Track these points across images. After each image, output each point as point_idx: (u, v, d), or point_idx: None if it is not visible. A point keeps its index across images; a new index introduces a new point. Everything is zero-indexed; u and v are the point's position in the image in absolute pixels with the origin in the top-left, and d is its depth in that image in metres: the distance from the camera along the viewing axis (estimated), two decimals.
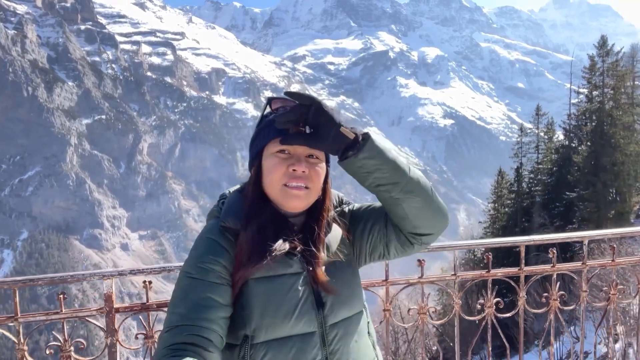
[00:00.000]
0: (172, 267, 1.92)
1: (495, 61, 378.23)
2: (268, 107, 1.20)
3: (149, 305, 1.89)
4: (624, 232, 2.63)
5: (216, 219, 1.22)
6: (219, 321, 1.06)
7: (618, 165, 26.10)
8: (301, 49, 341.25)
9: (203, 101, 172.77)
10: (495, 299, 2.20)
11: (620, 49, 29.39)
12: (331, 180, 1.29)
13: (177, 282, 1.12)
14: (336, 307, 1.19)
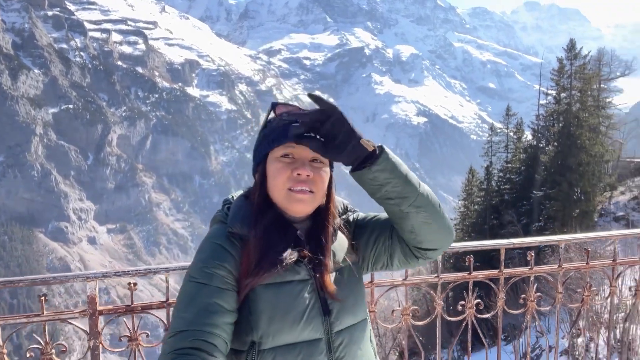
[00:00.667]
0: (158, 268, 1.90)
1: (467, 61, 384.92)
2: (272, 112, 1.22)
3: (133, 308, 1.85)
4: (598, 235, 2.71)
5: (221, 224, 1.22)
6: (224, 327, 1.07)
7: (583, 166, 26.95)
8: (277, 42, 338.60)
9: (176, 93, 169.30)
10: (476, 300, 2.26)
11: (587, 52, 30.34)
12: (335, 185, 1.29)
13: (182, 287, 1.12)
14: (342, 314, 1.21)
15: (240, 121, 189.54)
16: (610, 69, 31.49)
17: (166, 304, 1.92)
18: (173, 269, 1.89)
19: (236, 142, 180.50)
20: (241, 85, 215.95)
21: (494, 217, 30.73)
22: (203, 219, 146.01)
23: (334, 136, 1.11)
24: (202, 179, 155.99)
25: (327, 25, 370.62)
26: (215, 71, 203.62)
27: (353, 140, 1.12)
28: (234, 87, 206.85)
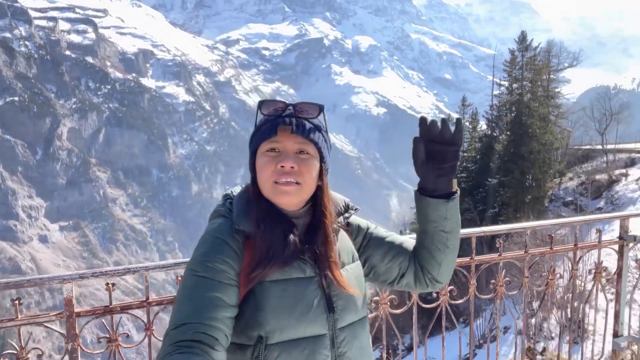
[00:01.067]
0: (136, 267, 1.86)
1: (424, 52, 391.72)
2: (259, 110, 1.27)
3: (112, 308, 1.83)
4: (561, 222, 2.74)
5: (223, 218, 1.24)
6: (226, 321, 1.08)
7: (534, 154, 28.09)
8: (234, 32, 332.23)
9: (129, 84, 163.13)
10: (449, 287, 2.34)
11: (538, 44, 31.52)
12: (327, 180, 1.31)
13: (183, 280, 1.13)
14: (345, 311, 1.24)
15: (199, 113, 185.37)
16: (559, 60, 32.93)
17: (146, 303, 1.88)
18: (152, 268, 1.84)
19: (195, 135, 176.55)
20: (199, 76, 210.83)
21: None
22: (162, 213, 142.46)
23: (443, 161, 1.25)
24: (160, 172, 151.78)
25: (285, 15, 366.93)
26: (171, 61, 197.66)
27: (451, 174, 1.28)
28: (191, 77, 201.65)
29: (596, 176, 26.25)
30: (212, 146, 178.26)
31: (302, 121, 1.23)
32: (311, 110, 1.25)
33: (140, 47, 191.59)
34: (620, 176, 25.08)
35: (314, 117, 1.26)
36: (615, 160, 27.22)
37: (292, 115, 1.23)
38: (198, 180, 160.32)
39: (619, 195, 23.68)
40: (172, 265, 1.87)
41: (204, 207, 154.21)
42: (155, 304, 1.88)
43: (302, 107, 1.25)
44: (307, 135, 1.22)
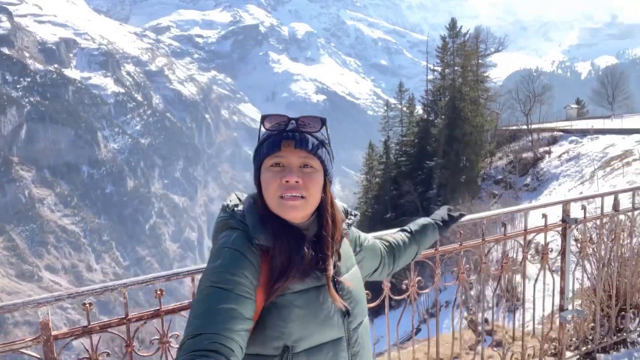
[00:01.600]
0: (115, 285, 1.81)
1: (360, 39, 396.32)
2: (262, 125, 1.30)
3: (91, 329, 1.78)
4: (512, 209, 2.87)
5: (235, 230, 1.24)
6: (241, 333, 1.10)
7: (467, 136, 29.43)
8: (164, 19, 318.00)
9: (51, 75, 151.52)
10: (417, 277, 2.47)
11: (467, 31, 32.82)
12: (331, 192, 1.34)
13: (200, 292, 1.14)
14: (356, 313, 1.32)
15: (131, 104, 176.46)
16: (486, 45, 34.42)
17: (126, 320, 1.84)
18: (131, 284, 1.80)
19: (128, 127, 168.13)
20: (128, 66, 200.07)
21: (393, 188, 32.55)
22: (95, 212, 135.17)
23: (452, 221, 1.87)
24: (90, 168, 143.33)
25: (218, 1, 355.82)
26: (96, 50, 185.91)
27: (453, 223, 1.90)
28: (119, 67, 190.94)
29: (523, 154, 27.99)
30: (147, 139, 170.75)
31: (305, 135, 1.25)
32: (314, 124, 1.28)
33: (61, 36, 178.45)
34: (544, 154, 26.91)
35: (317, 131, 1.29)
36: (539, 139, 29.07)
37: (295, 130, 1.25)
38: (133, 175, 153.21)
39: (543, 171, 25.43)
40: (151, 279, 1.83)
41: (141, 202, 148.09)
42: (135, 320, 1.84)
43: (305, 120, 1.27)
44: (310, 150, 1.24)
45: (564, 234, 2.79)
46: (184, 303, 1.93)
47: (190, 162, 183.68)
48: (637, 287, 3.13)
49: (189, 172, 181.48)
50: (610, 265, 3.02)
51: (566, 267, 2.75)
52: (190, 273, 1.90)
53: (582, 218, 2.85)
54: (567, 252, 2.77)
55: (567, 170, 23.57)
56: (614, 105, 38.16)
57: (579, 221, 2.80)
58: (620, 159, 19.92)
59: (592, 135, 25.81)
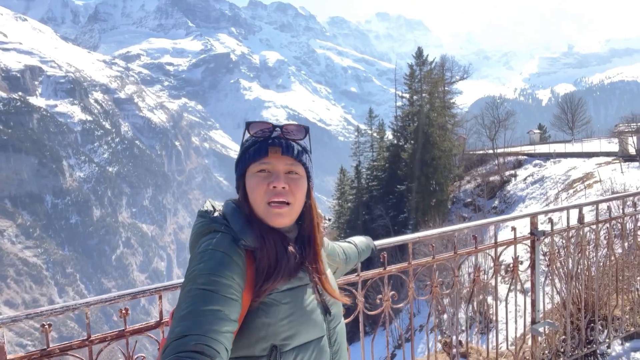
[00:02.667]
0: (75, 305, 1.72)
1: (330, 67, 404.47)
2: (247, 131, 1.30)
3: (50, 351, 1.66)
4: (484, 222, 2.93)
5: (218, 233, 1.23)
6: (227, 335, 1.09)
7: (436, 160, 29.99)
8: (135, 47, 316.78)
9: (15, 103, 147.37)
10: (391, 292, 2.41)
11: (432, 59, 33.93)
12: (314, 198, 1.41)
13: (185, 294, 1.13)
14: (335, 312, 1.35)
15: (98, 132, 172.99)
16: (451, 73, 35.65)
17: (88, 342, 1.74)
18: (94, 303, 1.75)
19: (95, 156, 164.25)
20: (96, 94, 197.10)
21: (365, 212, 32.69)
22: (59, 243, 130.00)
23: (374, 256, 2.04)
24: (55, 198, 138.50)
25: (189, 30, 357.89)
26: (63, 78, 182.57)
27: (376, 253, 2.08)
28: (87, 95, 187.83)
29: (490, 178, 28.71)
30: (115, 167, 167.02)
31: (291, 143, 1.28)
32: (298, 132, 1.30)
33: (26, 64, 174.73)
34: (510, 177, 27.69)
35: (301, 139, 1.32)
36: (505, 163, 29.92)
37: (280, 137, 1.27)
38: (100, 204, 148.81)
39: (510, 194, 26.11)
40: (115, 298, 1.76)
41: (108, 232, 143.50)
42: (98, 342, 1.76)
43: (289, 128, 1.30)
44: (296, 157, 1.27)
45: (532, 247, 2.82)
46: (150, 322, 1.86)
47: (159, 190, 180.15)
48: (604, 300, 3.20)
49: (158, 200, 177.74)
50: (578, 278, 3.08)
51: (536, 280, 2.77)
52: (157, 290, 1.82)
53: (550, 231, 2.88)
54: (537, 265, 2.80)
55: (532, 193, 24.28)
56: (574, 130, 39.84)
57: (546, 233, 2.83)
58: (582, 181, 20.69)
59: (555, 159, 26.79)
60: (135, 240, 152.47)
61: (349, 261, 1.80)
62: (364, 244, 1.94)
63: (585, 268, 3.14)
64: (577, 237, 2.97)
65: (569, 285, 2.97)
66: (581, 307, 3.08)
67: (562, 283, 3.02)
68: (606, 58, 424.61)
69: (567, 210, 2.93)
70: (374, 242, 2.03)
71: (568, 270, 2.98)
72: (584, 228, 2.99)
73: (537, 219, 2.87)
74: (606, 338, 3.15)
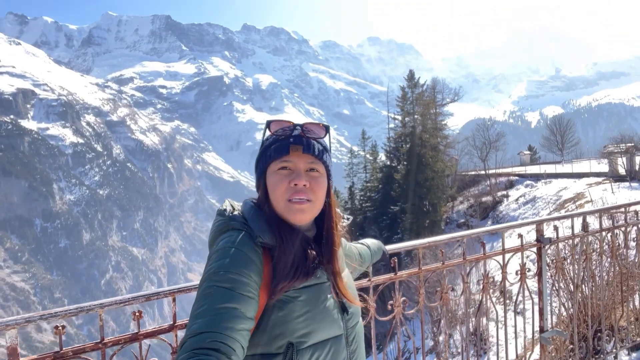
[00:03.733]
0: (90, 306, 1.73)
1: (323, 90, 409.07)
2: (267, 129, 1.32)
3: (63, 354, 1.66)
4: (491, 229, 2.92)
5: (236, 231, 1.24)
6: (243, 333, 1.09)
7: (429, 181, 30.11)
8: (128, 70, 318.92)
9: (6, 127, 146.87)
10: (402, 298, 2.39)
11: (424, 82, 34.47)
12: (334, 196, 1.40)
13: (202, 291, 1.13)
14: (353, 312, 1.35)
15: (90, 155, 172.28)
16: (442, 95, 36.13)
17: (101, 344, 1.75)
18: (108, 305, 1.76)
19: (85, 178, 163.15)
20: (88, 116, 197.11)
21: (359, 233, 32.56)
22: (48, 267, 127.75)
23: (385, 260, 2.00)
24: (44, 222, 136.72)
25: (182, 53, 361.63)
26: (55, 101, 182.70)
27: (387, 258, 2.02)
28: (79, 118, 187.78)
29: (482, 198, 28.83)
30: (106, 190, 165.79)
31: (311, 141, 1.29)
32: (318, 131, 1.32)
33: (19, 87, 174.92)
34: (502, 197, 27.82)
35: (322, 138, 1.33)
36: (497, 183, 30.11)
37: (301, 135, 1.29)
38: (90, 227, 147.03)
39: (502, 214, 26.20)
40: (130, 299, 1.76)
41: (97, 256, 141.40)
42: (112, 345, 1.76)
43: (310, 127, 1.31)
44: (317, 155, 1.29)
45: (539, 254, 2.82)
46: (163, 326, 1.85)
47: (151, 213, 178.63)
48: (609, 309, 3.19)
49: (149, 222, 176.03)
50: (584, 286, 3.08)
51: (543, 287, 2.77)
52: (171, 292, 1.82)
53: (555, 238, 2.88)
54: (544, 272, 2.79)
55: (524, 213, 24.38)
56: (563, 151, 40.38)
57: (552, 241, 2.83)
58: (573, 201, 20.83)
59: (546, 179, 27.03)
60: (125, 264, 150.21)
61: (364, 263, 1.80)
62: (376, 246, 1.93)
63: (590, 276, 3.14)
64: (582, 244, 2.98)
65: (575, 294, 2.97)
66: (587, 316, 3.07)
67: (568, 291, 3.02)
68: (593, 81, 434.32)
69: (572, 218, 2.95)
70: (385, 247, 2.00)
71: (573, 278, 2.97)
72: (589, 236, 3.00)
73: (542, 226, 2.87)
74: (613, 348, 3.13)
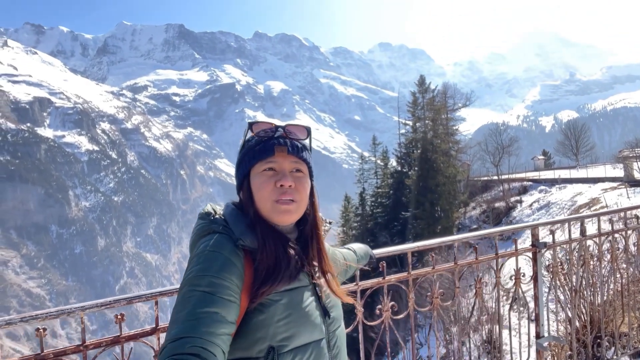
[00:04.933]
0: (71, 309, 1.72)
1: (334, 96, 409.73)
2: (249, 131, 1.31)
3: (44, 356, 1.64)
4: (484, 233, 2.87)
5: (219, 235, 1.22)
6: (224, 337, 1.08)
7: (441, 186, 29.88)
8: (142, 79, 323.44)
9: (23, 135, 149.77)
10: (391, 302, 2.35)
11: (435, 87, 34.33)
12: (317, 197, 1.40)
13: (182, 296, 1.12)
14: (335, 316, 1.33)
15: (105, 162, 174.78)
16: (454, 100, 35.90)
17: (82, 347, 1.73)
18: (89, 307, 1.74)
19: (101, 185, 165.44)
20: (103, 124, 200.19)
21: (370, 239, 32.39)
22: (63, 273, 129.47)
23: (373, 265, 1.95)
24: (60, 228, 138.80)
25: (195, 61, 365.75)
26: (71, 109, 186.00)
27: (375, 263, 1.96)
28: (94, 125, 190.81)
29: (495, 204, 28.52)
30: (120, 196, 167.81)
31: (295, 142, 1.30)
32: (300, 133, 1.32)
33: (35, 96, 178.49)
34: (515, 203, 27.50)
35: (304, 139, 1.34)
36: (510, 189, 29.78)
37: (284, 137, 1.29)
38: (105, 233, 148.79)
39: (516, 220, 25.88)
40: (111, 302, 1.74)
41: (112, 262, 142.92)
42: (93, 347, 1.74)
43: (292, 129, 1.32)
44: (301, 156, 1.30)
45: (534, 259, 2.78)
46: (146, 329, 1.84)
47: (164, 219, 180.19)
48: (609, 316, 3.13)
49: (162, 229, 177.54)
50: (583, 292, 3.03)
51: (539, 293, 2.72)
52: (153, 296, 1.80)
53: (551, 243, 2.84)
54: (539, 277, 2.75)
55: (539, 219, 24.05)
56: (578, 156, 39.78)
57: (548, 245, 2.79)
58: (588, 207, 20.51)
59: (560, 185, 26.66)
60: (139, 270, 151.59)
61: (349, 268, 1.77)
62: (363, 250, 1.90)
63: (590, 283, 3.09)
64: (580, 249, 2.93)
65: (573, 299, 2.92)
66: (586, 322, 3.02)
67: (567, 297, 2.97)
68: (608, 85, 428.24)
69: (569, 222, 2.90)
70: (372, 251, 1.98)
71: (572, 284, 2.93)
72: (587, 240, 2.96)
73: (538, 230, 2.83)
74: (614, 355, 3.07)
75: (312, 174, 1.36)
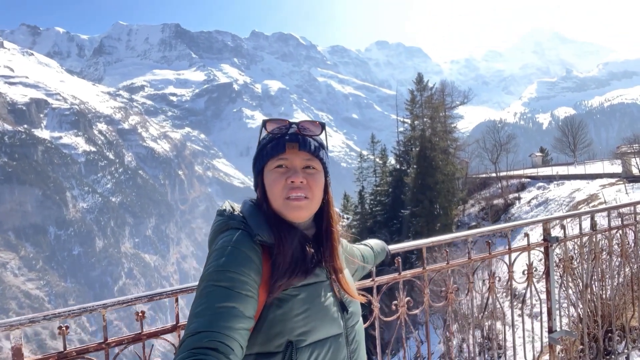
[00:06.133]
0: (94, 306, 1.73)
1: (331, 94, 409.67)
2: (264, 129, 1.33)
3: (66, 354, 1.66)
4: (497, 228, 2.88)
5: (238, 230, 1.24)
6: (242, 332, 1.10)
7: (440, 184, 29.89)
8: (139, 79, 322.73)
9: (20, 136, 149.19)
10: (407, 298, 2.35)
11: (432, 85, 34.33)
12: (332, 193, 1.40)
13: (201, 291, 1.14)
14: (353, 311, 1.35)
15: (102, 163, 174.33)
16: (452, 98, 35.87)
17: (105, 344, 1.74)
18: (111, 305, 1.75)
19: (98, 186, 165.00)
20: (100, 125, 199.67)
21: (369, 238, 32.39)
22: (62, 274, 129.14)
23: (388, 260, 2.02)
24: (58, 229, 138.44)
25: (192, 61, 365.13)
26: (68, 110, 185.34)
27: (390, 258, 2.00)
28: (91, 126, 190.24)
29: (494, 201, 28.57)
30: (118, 197, 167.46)
31: (307, 138, 1.30)
32: (314, 128, 1.32)
33: (32, 97, 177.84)
34: (514, 200, 27.54)
35: (317, 135, 1.33)
36: (508, 186, 29.82)
37: (297, 133, 1.30)
38: (103, 234, 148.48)
39: (515, 217, 25.93)
40: (133, 300, 1.75)
41: (110, 263, 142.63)
42: (115, 345, 1.76)
43: (305, 125, 1.32)
44: (313, 152, 1.29)
45: (546, 253, 2.78)
46: (166, 326, 1.85)
47: (162, 220, 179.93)
48: (620, 309, 3.14)
49: (161, 229, 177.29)
50: (593, 286, 3.03)
51: (551, 287, 2.73)
52: (174, 293, 1.81)
53: (563, 237, 2.85)
54: (552, 271, 2.76)
55: (537, 215, 24.09)
56: (575, 152, 39.84)
57: (559, 240, 2.80)
58: (586, 203, 20.55)
59: (558, 181, 26.70)
60: (137, 271, 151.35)
61: (367, 263, 1.79)
62: (379, 246, 1.93)
63: (600, 276, 3.10)
64: (590, 244, 2.94)
65: (584, 293, 2.92)
66: (597, 316, 3.02)
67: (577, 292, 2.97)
68: (605, 81, 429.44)
69: (580, 217, 2.91)
70: (388, 247, 2.00)
71: (582, 278, 2.93)
72: (597, 235, 2.96)
73: (549, 225, 2.83)
74: (624, 349, 3.08)
75: (327, 170, 1.36)
